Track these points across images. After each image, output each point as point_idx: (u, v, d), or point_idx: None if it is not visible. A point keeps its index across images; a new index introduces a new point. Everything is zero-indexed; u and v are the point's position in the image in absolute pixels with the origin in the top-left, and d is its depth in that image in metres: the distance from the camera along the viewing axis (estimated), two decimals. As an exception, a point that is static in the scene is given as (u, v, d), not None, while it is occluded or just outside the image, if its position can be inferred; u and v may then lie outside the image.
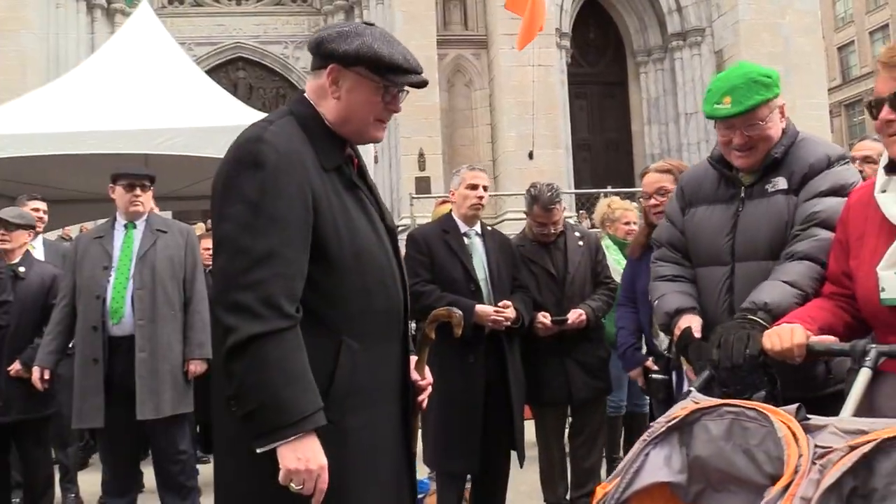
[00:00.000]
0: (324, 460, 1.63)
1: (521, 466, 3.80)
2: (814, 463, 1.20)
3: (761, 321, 1.97)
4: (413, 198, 11.46)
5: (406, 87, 1.90)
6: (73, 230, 9.69)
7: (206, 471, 5.18)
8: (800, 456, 1.21)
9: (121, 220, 4.14)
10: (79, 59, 13.63)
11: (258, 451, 1.60)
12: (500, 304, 3.60)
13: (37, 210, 5.08)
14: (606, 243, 4.89)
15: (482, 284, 3.69)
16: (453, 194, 3.86)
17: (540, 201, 3.96)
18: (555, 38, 17.10)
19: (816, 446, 1.24)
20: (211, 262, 5.96)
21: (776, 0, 17.71)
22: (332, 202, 1.76)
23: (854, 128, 38.58)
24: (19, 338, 4.17)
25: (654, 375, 3.04)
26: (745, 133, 2.30)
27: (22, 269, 4.27)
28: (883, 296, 1.71)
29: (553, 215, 3.99)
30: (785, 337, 1.75)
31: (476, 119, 17.88)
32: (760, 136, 2.31)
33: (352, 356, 1.74)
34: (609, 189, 11.58)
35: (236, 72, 18.59)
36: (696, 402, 1.51)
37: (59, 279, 4.32)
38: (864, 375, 1.51)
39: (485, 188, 3.87)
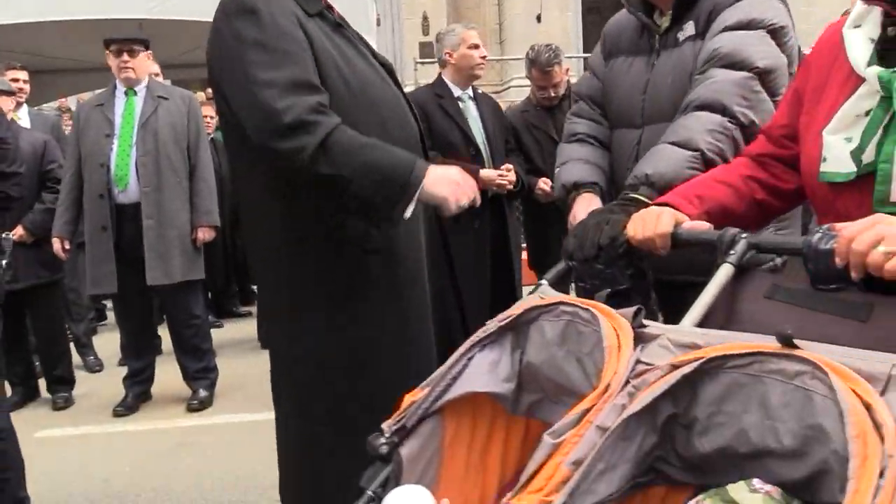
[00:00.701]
0: (454, 169, 1.73)
1: None
2: (628, 382, 0.96)
3: (644, 198, 1.61)
4: (417, 63, 11.17)
5: None
6: (70, 101, 9.56)
7: (218, 334, 5.38)
8: (614, 373, 0.98)
9: (121, 88, 4.10)
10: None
11: (406, 216, 1.65)
12: (502, 167, 3.60)
13: (16, 80, 4.96)
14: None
15: (481, 148, 3.66)
16: (451, 55, 3.75)
17: (537, 63, 3.89)
18: None
19: (639, 361, 0.99)
20: (212, 131, 5.94)
21: None
22: (325, 43, 1.74)
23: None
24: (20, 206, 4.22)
25: None
26: None
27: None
28: (822, 167, 1.27)
29: (552, 77, 3.91)
30: (648, 224, 1.38)
31: (481, -21, 17.17)
32: None
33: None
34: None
35: (230, -71, 17.69)
36: (542, 298, 1.24)
37: (50, 145, 4.32)
38: (722, 272, 1.17)
39: (483, 47, 3.80)
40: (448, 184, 1.69)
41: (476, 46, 3.69)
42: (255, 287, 6.40)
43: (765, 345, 0.86)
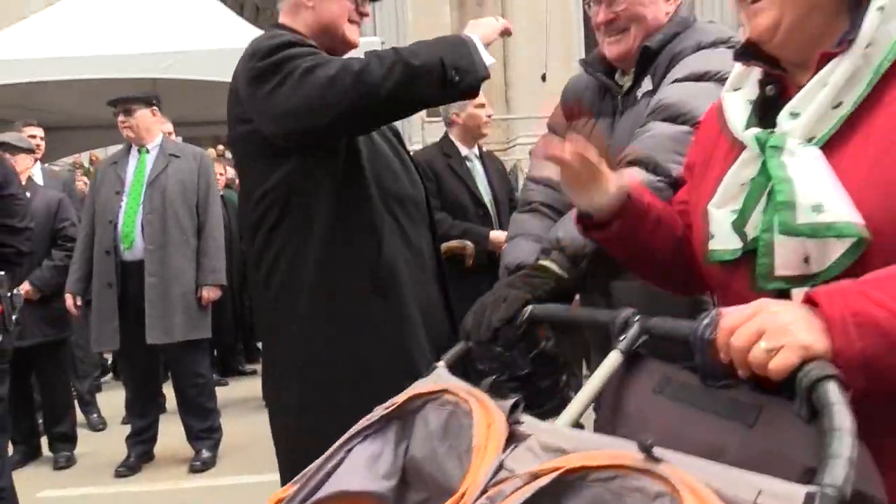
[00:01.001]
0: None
1: None
2: (485, 491, 0.82)
3: (555, 267, 1.48)
4: (424, 122, 11.29)
5: None
6: (83, 158, 9.67)
7: (223, 392, 5.32)
8: (473, 480, 0.85)
9: (135, 146, 4.17)
10: (82, -19, 13.33)
11: (487, 63, 1.71)
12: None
13: (33, 137, 5.03)
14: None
15: (489, 208, 3.67)
16: (458, 115, 3.78)
17: None
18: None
19: (502, 467, 0.85)
20: (222, 188, 5.98)
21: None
22: None
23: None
24: (30, 263, 4.22)
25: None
26: (608, 8, 1.81)
27: (27, 194, 4.27)
28: (710, 245, 1.13)
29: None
30: None
31: (487, 40, 17.53)
32: (629, 15, 1.79)
33: (393, 227, 1.83)
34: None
35: (243, -7, 18.17)
36: (435, 383, 1.10)
37: (64, 203, 4.35)
38: (610, 360, 0.99)
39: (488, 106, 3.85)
40: (490, 25, 1.80)
41: (482, 106, 3.73)
42: (259, 344, 6.36)
43: (628, 456, 0.75)
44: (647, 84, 1.77)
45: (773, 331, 0.80)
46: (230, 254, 4.57)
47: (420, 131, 11.17)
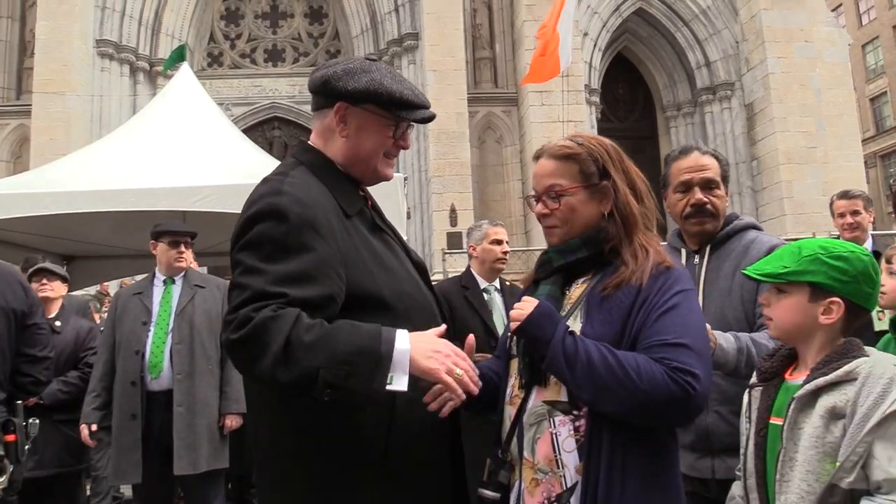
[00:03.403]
0: (438, 339, 1.62)
1: None
2: None
3: None
4: (445, 253, 11.50)
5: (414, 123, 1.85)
6: (111, 286, 9.85)
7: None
8: None
9: (160, 276, 4.21)
10: (121, 120, 14.05)
11: (398, 387, 1.52)
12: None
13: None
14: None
15: None
16: (474, 249, 3.85)
17: None
18: (584, 94, 17.26)
19: None
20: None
21: (805, 53, 17.74)
22: (361, 249, 1.70)
23: (890, 178, 38.09)
24: None
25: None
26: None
27: (58, 323, 4.35)
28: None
29: None
30: None
31: (507, 175, 17.99)
32: None
33: (407, 403, 1.67)
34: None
35: (272, 130, 18.99)
36: None
37: (93, 333, 4.40)
38: None
39: (507, 243, 3.88)
40: (433, 353, 1.58)
41: (499, 242, 3.80)
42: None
43: None
44: None
45: None
46: (250, 383, 4.55)
47: (441, 262, 11.32)
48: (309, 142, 1.88)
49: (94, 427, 4.05)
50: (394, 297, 1.72)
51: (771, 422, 1.79)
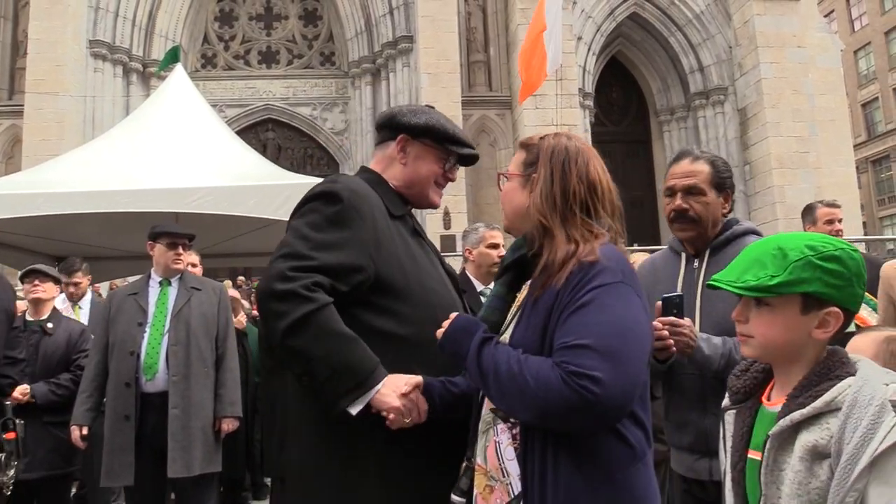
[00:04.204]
0: (412, 381, 1.79)
1: None
2: None
3: None
4: (443, 255, 11.51)
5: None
6: (102, 287, 9.82)
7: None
8: None
9: (156, 277, 4.18)
10: (114, 121, 14.04)
11: (351, 410, 1.74)
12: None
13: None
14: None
15: None
16: (470, 252, 3.85)
17: None
18: (578, 98, 17.31)
19: None
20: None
21: (798, 58, 17.83)
22: (397, 243, 1.94)
23: (881, 184, 38.30)
24: None
25: None
26: None
27: (50, 325, 4.32)
28: None
29: None
30: None
31: (500, 177, 18.05)
32: None
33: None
34: (635, 247, 11.53)
35: (266, 132, 18.98)
36: None
37: (85, 334, 4.38)
38: None
39: (503, 247, 3.89)
40: (400, 397, 1.76)
41: (495, 246, 3.80)
42: (267, 480, 6.19)
43: None
44: None
45: None
46: (245, 386, 4.55)
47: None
48: (367, 167, 2.17)
49: (84, 430, 4.00)
50: (418, 288, 1.92)
51: (749, 456, 1.52)
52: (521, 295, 1.76)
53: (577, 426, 1.50)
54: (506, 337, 1.69)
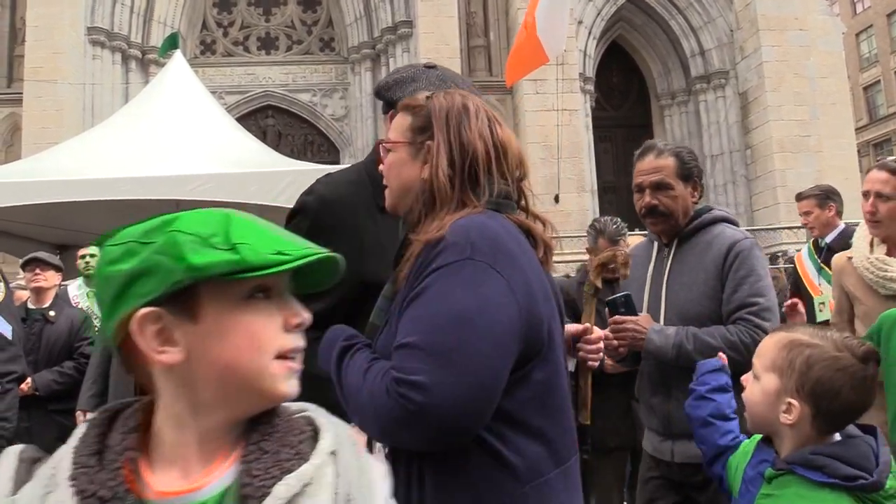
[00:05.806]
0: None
1: None
2: None
3: None
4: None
5: None
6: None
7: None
8: None
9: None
10: (113, 108, 14.00)
11: None
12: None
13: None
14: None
15: None
16: None
17: (606, 233, 3.87)
18: (579, 82, 17.25)
19: None
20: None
21: (800, 41, 17.76)
22: (384, 243, 1.71)
23: (883, 168, 38.20)
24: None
25: None
26: None
27: (52, 313, 4.34)
28: None
29: (619, 249, 3.89)
30: None
31: (501, 163, 18.04)
32: None
33: None
34: (637, 231, 11.53)
35: (265, 119, 18.95)
36: None
37: (87, 322, 4.40)
38: None
39: None
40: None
41: None
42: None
43: None
44: None
45: None
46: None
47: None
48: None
49: (89, 415, 4.02)
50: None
51: None
52: None
53: (411, 444, 1.27)
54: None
